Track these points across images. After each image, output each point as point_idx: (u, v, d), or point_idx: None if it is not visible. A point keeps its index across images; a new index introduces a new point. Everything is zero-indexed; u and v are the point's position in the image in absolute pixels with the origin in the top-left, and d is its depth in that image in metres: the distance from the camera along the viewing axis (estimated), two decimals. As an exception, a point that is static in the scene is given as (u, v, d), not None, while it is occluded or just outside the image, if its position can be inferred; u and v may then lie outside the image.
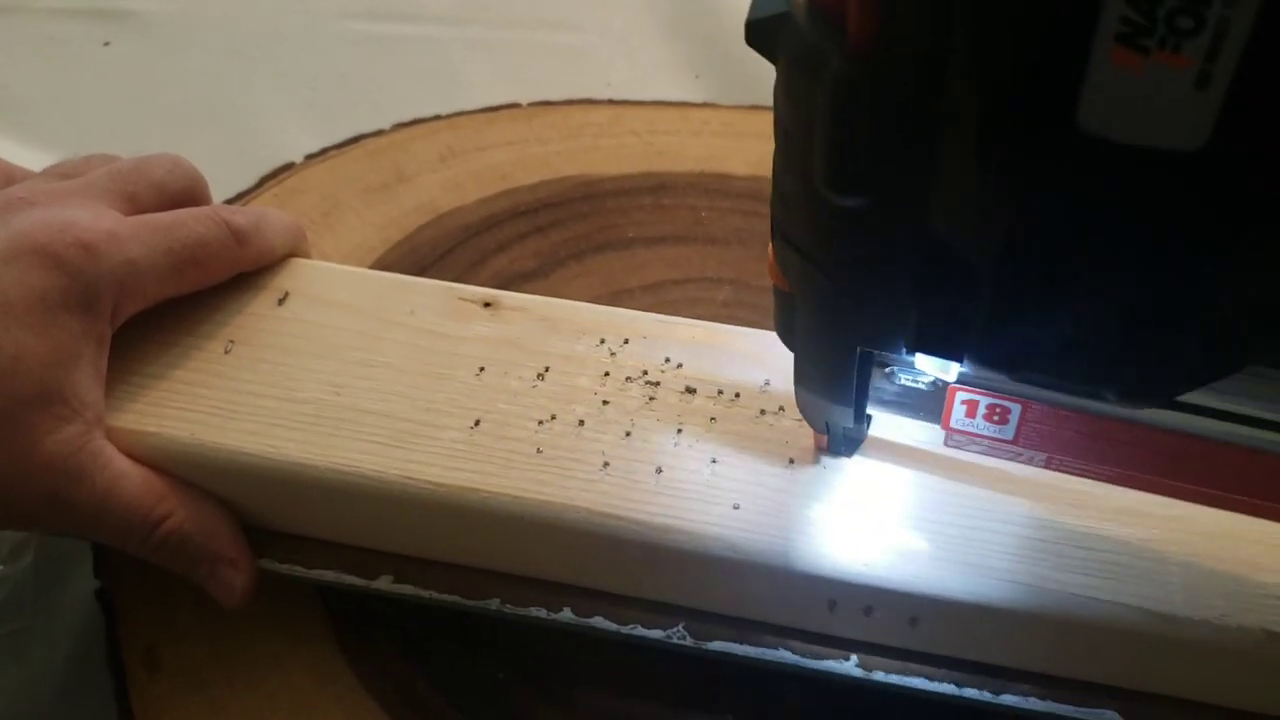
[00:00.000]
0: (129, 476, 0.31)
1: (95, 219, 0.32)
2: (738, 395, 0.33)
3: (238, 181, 0.49)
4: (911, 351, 0.25)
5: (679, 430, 0.32)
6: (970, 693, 0.31)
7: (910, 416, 0.30)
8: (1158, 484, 0.28)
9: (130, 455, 0.32)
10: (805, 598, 0.31)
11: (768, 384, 0.33)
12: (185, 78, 0.58)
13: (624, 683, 0.34)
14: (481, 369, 0.34)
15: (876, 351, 0.27)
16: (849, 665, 0.31)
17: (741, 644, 0.32)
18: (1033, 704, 0.31)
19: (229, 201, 0.49)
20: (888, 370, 0.29)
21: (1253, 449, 0.26)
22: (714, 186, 0.50)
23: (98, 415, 0.31)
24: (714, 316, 0.37)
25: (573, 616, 0.32)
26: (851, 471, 0.32)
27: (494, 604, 0.33)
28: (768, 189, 0.51)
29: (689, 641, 0.32)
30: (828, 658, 0.31)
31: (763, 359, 0.34)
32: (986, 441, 0.29)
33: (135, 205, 0.34)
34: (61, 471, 0.30)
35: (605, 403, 0.33)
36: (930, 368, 0.28)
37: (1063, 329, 0.21)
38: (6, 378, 0.29)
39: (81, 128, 0.54)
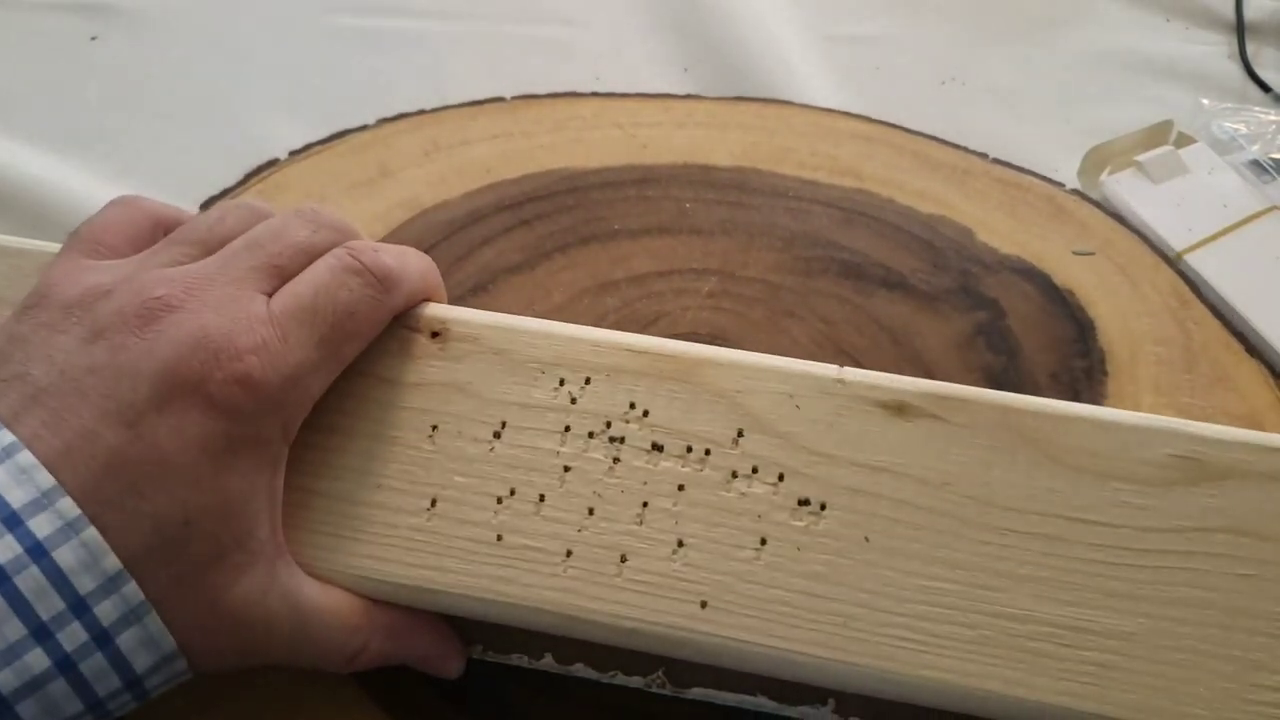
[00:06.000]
0: (318, 612, 0.29)
1: (241, 328, 0.28)
2: (707, 452, 0.31)
3: (223, 178, 0.49)
4: None
5: (644, 504, 0.30)
6: None
7: None
8: None
9: None
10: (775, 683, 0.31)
11: (741, 435, 0.31)
12: (171, 73, 0.58)
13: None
14: (434, 428, 0.31)
15: None
16: (825, 712, 0.31)
17: (720, 690, 0.32)
18: None
19: (213, 199, 0.49)
20: None
21: None
22: (698, 178, 0.50)
23: (278, 546, 0.29)
24: (700, 307, 0.37)
25: (554, 664, 0.32)
26: (823, 555, 0.30)
27: (477, 650, 0.33)
28: (752, 180, 0.51)
29: (668, 690, 0.32)
30: (804, 703, 0.31)
31: (737, 398, 0.31)
32: None
33: (282, 277, 0.30)
34: (248, 624, 0.28)
35: (566, 469, 0.31)
36: None
37: None
38: (179, 545, 0.26)
39: (67, 122, 0.54)
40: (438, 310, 0.33)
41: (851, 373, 0.32)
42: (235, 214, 0.32)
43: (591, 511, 0.30)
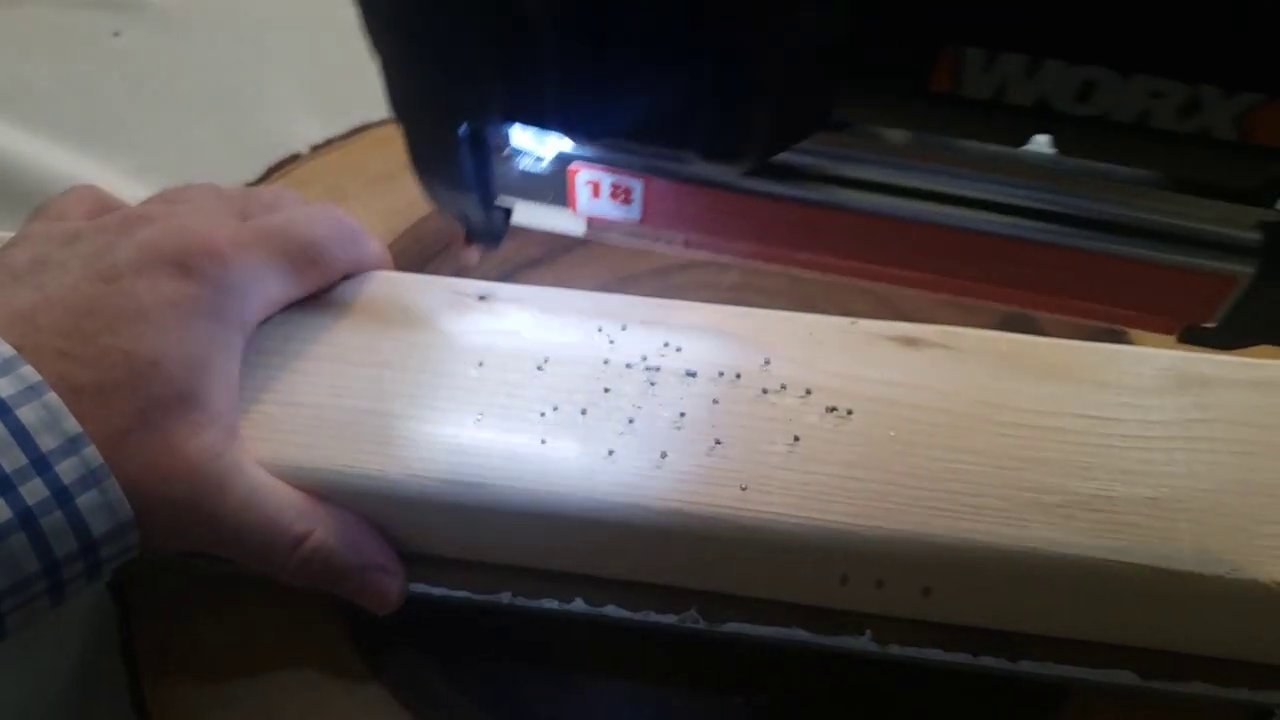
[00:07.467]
0: (268, 489, 0.31)
1: (216, 228, 0.32)
2: (739, 375, 0.33)
3: (245, 172, 0.49)
4: (505, 123, 0.25)
5: (681, 414, 0.32)
6: (986, 661, 0.31)
7: (548, 204, 0.28)
8: (797, 259, 0.27)
9: None
10: (816, 574, 0.31)
11: (768, 363, 0.33)
12: (194, 68, 0.58)
13: (634, 669, 0.34)
14: (480, 363, 0.34)
15: (480, 127, 0.26)
16: (864, 640, 0.32)
17: (755, 624, 0.32)
18: (1049, 668, 0.31)
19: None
20: (506, 152, 0.27)
21: (899, 219, 0.25)
22: (720, 170, 0.49)
23: (233, 425, 0.31)
24: (721, 301, 0.37)
25: (585, 606, 0.33)
26: (853, 446, 0.31)
27: (505, 598, 0.33)
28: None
29: (702, 624, 0.32)
30: (842, 633, 0.32)
31: (762, 338, 0.34)
32: (621, 227, 0.28)
33: (247, 219, 0.34)
34: (203, 477, 0.29)
35: (606, 390, 0.33)
36: (533, 143, 0.27)
37: (625, 85, 0.21)
38: (145, 380, 0.28)
39: (91, 118, 0.55)
40: (482, 284, 0.36)
41: (862, 320, 0.35)
42: (196, 187, 0.36)
43: (631, 421, 0.32)
